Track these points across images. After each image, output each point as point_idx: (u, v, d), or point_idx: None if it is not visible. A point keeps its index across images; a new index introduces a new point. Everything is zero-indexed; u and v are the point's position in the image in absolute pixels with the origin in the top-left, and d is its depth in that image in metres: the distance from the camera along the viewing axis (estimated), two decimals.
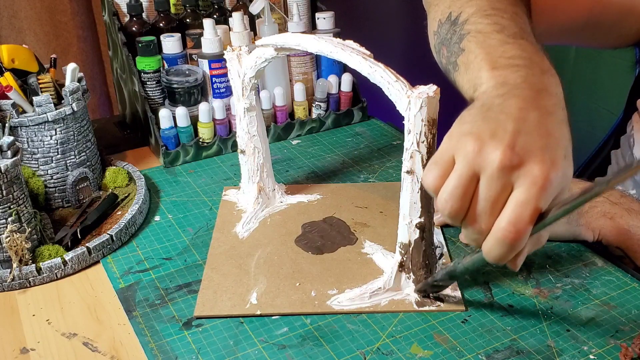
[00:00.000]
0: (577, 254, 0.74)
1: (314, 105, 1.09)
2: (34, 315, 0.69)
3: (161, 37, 1.02)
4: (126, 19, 1.05)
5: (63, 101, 0.83)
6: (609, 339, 0.62)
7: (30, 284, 0.73)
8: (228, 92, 1.02)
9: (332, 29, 1.08)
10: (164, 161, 0.98)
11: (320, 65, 1.11)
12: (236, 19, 0.99)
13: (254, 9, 1.02)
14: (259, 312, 0.67)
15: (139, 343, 0.64)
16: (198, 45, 1.03)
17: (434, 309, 0.66)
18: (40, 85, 0.83)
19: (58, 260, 0.74)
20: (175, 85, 0.99)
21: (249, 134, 0.82)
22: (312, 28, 1.12)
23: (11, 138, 0.72)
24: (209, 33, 0.99)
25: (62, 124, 0.82)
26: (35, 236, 0.75)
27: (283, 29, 1.09)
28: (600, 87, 1.75)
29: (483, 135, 0.52)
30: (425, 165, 0.61)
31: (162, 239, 0.80)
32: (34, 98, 0.80)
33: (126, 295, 0.71)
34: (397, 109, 0.62)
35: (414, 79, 0.63)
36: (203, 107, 0.98)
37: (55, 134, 0.82)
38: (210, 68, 1.00)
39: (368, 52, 0.66)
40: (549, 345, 0.62)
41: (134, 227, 0.82)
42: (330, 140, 1.06)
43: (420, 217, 0.64)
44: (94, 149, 0.89)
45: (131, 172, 0.92)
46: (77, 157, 0.85)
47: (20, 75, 0.84)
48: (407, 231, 0.65)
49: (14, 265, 0.71)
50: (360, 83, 1.09)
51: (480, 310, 0.67)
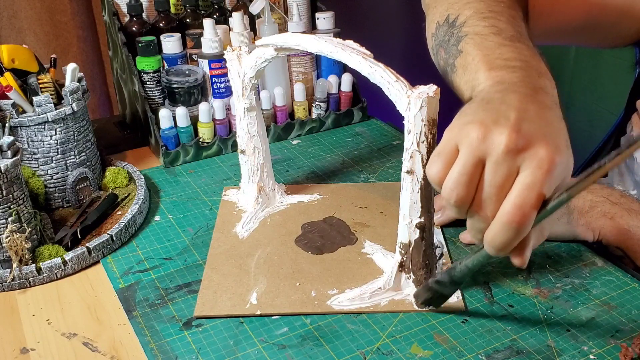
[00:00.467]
0: (577, 254, 0.74)
1: (314, 105, 1.09)
2: (34, 315, 0.69)
3: (161, 37, 1.02)
4: (126, 19, 1.05)
5: (63, 101, 0.83)
6: (609, 339, 0.62)
7: (30, 284, 0.73)
8: (228, 92, 1.02)
9: (332, 29, 1.08)
10: (164, 161, 0.98)
11: (320, 65, 1.11)
12: (236, 19, 0.99)
13: (254, 9, 1.02)
14: (259, 312, 0.67)
15: (139, 343, 0.64)
16: (198, 45, 1.03)
17: (434, 309, 0.66)
18: (40, 85, 0.83)
19: (58, 260, 0.74)
20: (175, 85, 0.99)
21: (249, 134, 0.82)
22: (312, 28, 1.12)
23: (11, 138, 0.72)
24: (209, 33, 0.99)
25: (62, 124, 0.82)
26: (35, 236, 0.75)
27: (283, 29, 1.09)
28: (600, 87, 1.75)
29: (486, 122, 0.52)
30: (425, 164, 0.61)
31: (162, 239, 0.81)
32: (34, 98, 0.80)
33: (126, 295, 0.71)
34: (397, 109, 0.62)
35: (414, 79, 0.63)
36: (203, 107, 0.98)
37: (55, 134, 0.82)
38: (210, 68, 1.00)
39: (368, 52, 0.66)
40: (549, 345, 0.62)
41: (134, 227, 0.82)
42: (330, 140, 1.06)
43: (420, 217, 0.64)
44: (94, 149, 0.89)
45: (131, 172, 0.92)
46: (77, 157, 0.85)
47: (20, 75, 0.84)
48: (407, 231, 0.65)
49: (14, 265, 0.71)
50: (360, 83, 1.09)
51: (480, 310, 0.67)
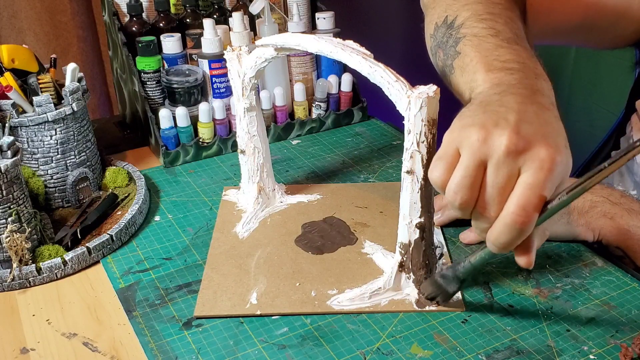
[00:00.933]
0: (577, 254, 0.74)
1: (314, 105, 1.09)
2: (34, 315, 0.69)
3: (161, 37, 1.02)
4: (126, 19, 1.05)
5: (63, 101, 0.83)
6: (609, 339, 0.62)
7: (30, 284, 0.73)
8: (228, 92, 1.02)
9: (332, 29, 1.08)
10: (164, 161, 0.98)
11: (320, 65, 1.11)
12: (236, 19, 0.99)
13: (254, 9, 1.02)
14: (259, 312, 0.67)
15: (139, 343, 0.64)
16: (198, 45, 1.03)
17: (434, 309, 0.66)
18: (40, 85, 0.83)
19: (58, 260, 0.74)
20: (175, 85, 0.99)
21: (249, 134, 0.82)
22: (312, 28, 1.12)
23: (11, 138, 0.72)
24: (209, 33, 0.99)
25: (62, 124, 0.82)
26: (35, 236, 0.75)
27: (283, 29, 1.09)
28: (600, 88, 1.75)
29: (487, 124, 0.53)
30: (425, 165, 0.61)
31: (162, 239, 0.80)
32: (34, 98, 0.80)
33: (126, 295, 0.71)
34: (397, 109, 0.62)
35: (414, 79, 0.63)
36: (203, 107, 0.98)
37: (55, 134, 0.82)
38: (210, 68, 1.00)
39: (368, 52, 0.66)
40: (549, 345, 0.62)
41: (134, 227, 0.82)
42: (330, 140, 1.06)
43: (420, 217, 0.64)
44: (94, 149, 0.89)
45: (131, 172, 0.92)
46: (77, 157, 0.85)
47: (20, 75, 0.84)
48: (407, 231, 0.65)
49: (14, 265, 0.71)
50: (360, 83, 1.09)
51: (480, 310, 0.67)
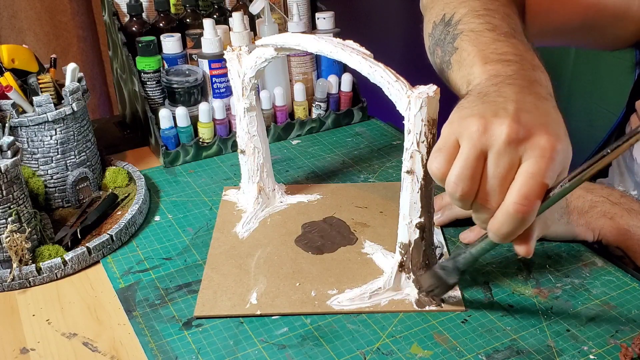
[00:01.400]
0: (577, 254, 0.74)
1: (314, 105, 1.09)
2: (34, 315, 0.68)
3: (161, 37, 1.02)
4: (126, 19, 1.05)
5: (63, 101, 0.83)
6: (609, 339, 0.62)
7: (30, 284, 0.73)
8: (228, 92, 1.02)
9: (332, 29, 1.08)
10: (164, 161, 0.98)
11: (320, 65, 1.11)
12: (236, 19, 0.99)
13: (254, 9, 1.02)
14: (259, 312, 0.67)
15: (139, 343, 0.64)
16: (198, 45, 1.03)
17: (434, 309, 0.66)
18: (40, 85, 0.83)
19: (58, 260, 0.74)
20: (175, 85, 0.99)
21: (249, 134, 0.82)
22: (312, 28, 1.12)
23: (11, 138, 0.72)
24: (209, 33, 0.99)
25: (62, 124, 0.82)
26: (35, 236, 0.75)
27: (283, 29, 1.09)
28: (600, 88, 1.75)
29: (485, 114, 0.53)
30: (426, 164, 0.61)
31: (162, 239, 0.80)
32: (34, 98, 0.80)
33: (126, 295, 0.71)
34: (397, 109, 0.62)
35: (414, 79, 0.63)
36: (203, 107, 0.98)
37: (55, 134, 0.82)
38: (210, 68, 1.00)
39: (368, 52, 0.66)
40: (549, 345, 0.62)
41: (134, 227, 0.82)
42: (330, 140, 1.06)
43: (420, 217, 0.64)
44: (94, 149, 0.89)
45: (131, 172, 0.92)
46: (77, 157, 0.85)
47: (20, 75, 0.84)
48: (407, 231, 0.65)
49: (14, 265, 0.71)
50: (360, 83, 1.09)
51: (480, 310, 0.67)
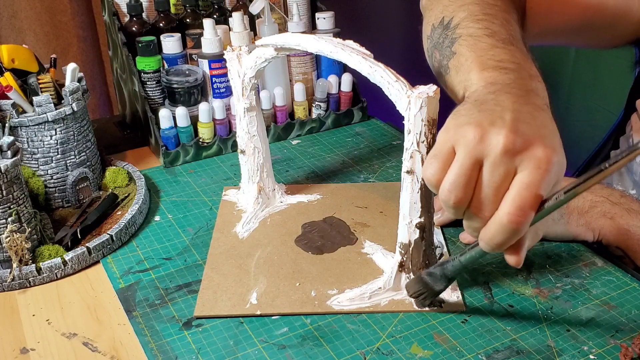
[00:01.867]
0: (577, 254, 0.74)
1: (314, 105, 1.09)
2: (34, 315, 0.69)
3: (161, 37, 1.02)
4: (126, 19, 1.05)
5: (63, 101, 0.83)
6: (609, 339, 0.62)
7: (30, 284, 0.73)
8: (228, 92, 1.02)
9: (332, 29, 1.08)
10: (164, 161, 0.98)
11: (320, 65, 1.11)
12: (236, 19, 0.99)
13: (254, 9, 1.02)
14: (259, 312, 0.67)
15: (139, 343, 0.64)
16: (198, 45, 1.03)
17: (434, 309, 0.66)
18: (40, 85, 0.83)
19: (58, 260, 0.74)
20: (175, 85, 0.99)
21: (249, 134, 0.82)
22: (312, 28, 1.12)
23: (11, 138, 0.72)
24: (209, 33, 0.99)
25: (62, 124, 0.82)
26: (35, 236, 0.75)
27: (283, 29, 1.09)
28: (600, 87, 1.75)
29: (483, 123, 0.53)
30: None
31: (162, 239, 0.80)
32: (34, 98, 0.80)
33: (126, 295, 0.71)
34: (397, 109, 0.62)
35: (414, 79, 0.63)
36: (203, 107, 0.98)
37: (55, 134, 0.82)
38: (210, 68, 1.00)
39: (368, 52, 0.66)
40: (549, 345, 0.62)
41: (134, 227, 0.82)
42: (330, 140, 1.06)
43: (420, 217, 0.64)
44: (94, 149, 0.89)
45: (131, 172, 0.92)
46: (77, 157, 0.85)
47: (20, 75, 0.84)
48: (407, 231, 0.65)
49: (14, 265, 0.71)
50: (360, 83, 1.09)
51: (480, 310, 0.67)
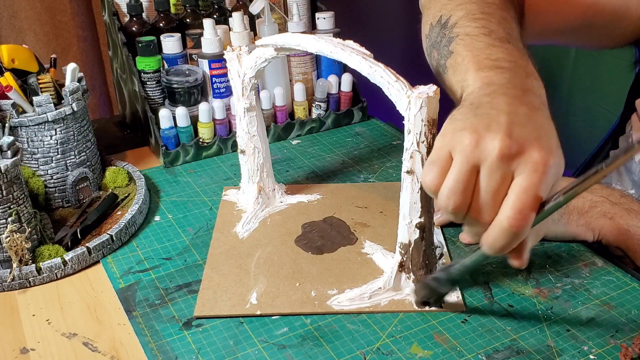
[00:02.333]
0: (577, 254, 0.74)
1: (314, 105, 1.09)
2: (34, 315, 0.69)
3: (161, 37, 1.02)
4: (126, 19, 1.05)
5: (63, 101, 0.83)
6: (609, 339, 0.62)
7: (30, 284, 0.73)
8: (228, 92, 1.02)
9: (332, 29, 1.08)
10: (164, 161, 0.98)
11: (320, 65, 1.11)
12: (236, 19, 0.99)
13: (254, 9, 1.02)
14: (259, 312, 0.67)
15: (139, 343, 0.64)
16: (198, 45, 1.03)
17: (434, 309, 0.66)
18: (40, 85, 0.83)
19: (58, 260, 0.74)
20: (175, 85, 0.99)
21: (249, 134, 0.82)
22: (312, 28, 1.12)
23: (11, 138, 0.72)
24: (209, 33, 0.99)
25: (62, 124, 0.82)
26: (35, 236, 0.75)
27: (283, 29, 1.09)
28: (600, 87, 1.75)
29: (478, 128, 0.53)
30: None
31: (162, 239, 0.81)
32: (34, 98, 0.80)
33: (126, 295, 0.71)
34: (397, 109, 0.62)
35: (414, 79, 0.63)
36: (203, 107, 0.98)
37: (55, 134, 0.82)
38: (210, 68, 1.00)
39: (368, 52, 0.66)
40: (549, 345, 0.62)
41: (134, 227, 0.82)
42: (330, 140, 1.06)
43: (420, 217, 0.64)
44: (94, 149, 0.89)
45: (131, 172, 0.92)
46: (77, 157, 0.85)
47: (20, 75, 0.84)
48: (407, 231, 0.65)
49: (14, 265, 0.71)
50: (360, 83, 1.09)
51: (480, 310, 0.67)
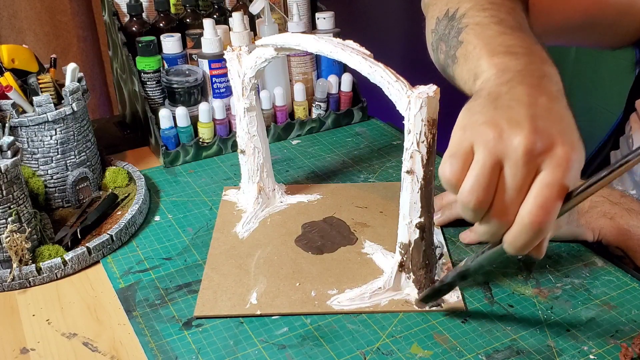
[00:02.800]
0: (577, 254, 0.74)
1: (314, 105, 1.09)
2: (34, 315, 0.69)
3: (161, 37, 1.02)
4: (126, 19, 1.05)
5: (63, 101, 0.83)
6: (609, 339, 0.62)
7: (30, 284, 0.73)
8: (228, 92, 1.02)
9: (332, 29, 1.08)
10: (164, 161, 0.98)
11: (320, 65, 1.11)
12: (236, 19, 0.99)
13: (254, 9, 1.02)
14: (259, 312, 0.67)
15: (139, 343, 0.64)
16: (198, 45, 1.03)
17: (434, 309, 0.66)
18: (40, 85, 0.83)
19: (58, 260, 0.74)
20: (175, 85, 0.99)
21: (249, 134, 0.82)
22: (312, 28, 1.12)
23: (11, 138, 0.72)
24: (209, 33, 0.99)
25: (62, 124, 0.82)
26: (35, 236, 0.75)
27: (283, 29, 1.09)
28: (600, 87, 1.76)
29: (500, 122, 0.51)
30: (425, 165, 0.61)
31: (162, 239, 0.81)
32: (34, 98, 0.80)
33: (126, 295, 0.71)
34: (397, 109, 0.62)
35: (414, 79, 0.63)
36: (203, 107, 0.98)
37: (55, 134, 0.82)
38: (210, 68, 1.00)
39: (368, 52, 0.66)
40: (549, 345, 0.62)
41: (134, 227, 0.82)
42: (330, 140, 1.06)
43: (420, 217, 0.64)
44: (94, 149, 0.89)
45: (131, 172, 0.92)
46: (77, 157, 0.85)
47: (20, 75, 0.84)
48: (407, 231, 0.65)
49: (14, 265, 0.71)
50: (360, 83, 1.09)
51: (480, 310, 0.67)
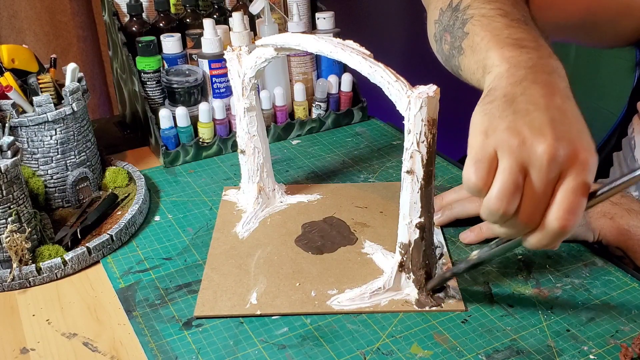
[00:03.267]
0: (577, 254, 0.74)
1: (314, 105, 1.09)
2: (34, 315, 0.69)
3: (161, 37, 1.02)
4: (126, 19, 1.05)
5: (63, 101, 0.83)
6: (609, 339, 0.62)
7: (30, 284, 0.73)
8: (228, 92, 1.02)
9: (332, 29, 1.08)
10: (164, 161, 0.98)
11: (320, 65, 1.11)
12: (236, 19, 0.99)
13: (254, 9, 1.02)
14: (259, 312, 0.67)
15: (139, 343, 0.64)
16: (198, 45, 1.03)
17: (434, 309, 0.67)
18: (40, 85, 0.83)
19: (58, 260, 0.74)
20: (175, 85, 0.99)
21: (249, 134, 0.82)
22: (312, 28, 1.12)
23: (11, 138, 0.72)
24: (209, 33, 0.99)
25: (62, 124, 0.82)
26: (35, 236, 0.75)
27: (283, 29, 1.09)
28: (600, 87, 1.75)
29: (522, 129, 0.52)
30: (425, 165, 0.61)
31: (162, 239, 0.81)
32: (34, 98, 0.80)
33: (126, 295, 0.71)
34: (397, 109, 0.62)
35: (414, 79, 0.63)
36: (203, 107, 0.98)
37: (55, 134, 0.82)
38: (210, 68, 1.00)
39: (368, 52, 0.66)
40: (549, 345, 0.62)
41: (134, 227, 0.82)
42: (330, 140, 1.06)
43: (420, 217, 0.64)
44: (94, 149, 0.89)
45: (131, 172, 0.92)
46: (77, 157, 0.85)
47: (20, 75, 0.84)
48: (407, 231, 0.65)
49: (14, 265, 0.71)
50: (360, 83, 1.09)
51: (480, 310, 0.67)
